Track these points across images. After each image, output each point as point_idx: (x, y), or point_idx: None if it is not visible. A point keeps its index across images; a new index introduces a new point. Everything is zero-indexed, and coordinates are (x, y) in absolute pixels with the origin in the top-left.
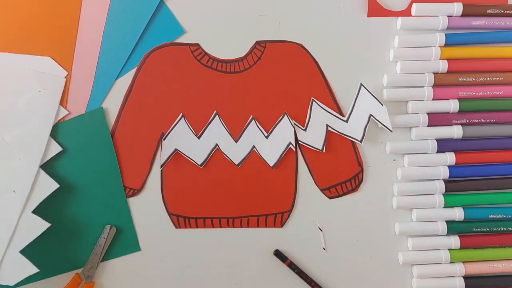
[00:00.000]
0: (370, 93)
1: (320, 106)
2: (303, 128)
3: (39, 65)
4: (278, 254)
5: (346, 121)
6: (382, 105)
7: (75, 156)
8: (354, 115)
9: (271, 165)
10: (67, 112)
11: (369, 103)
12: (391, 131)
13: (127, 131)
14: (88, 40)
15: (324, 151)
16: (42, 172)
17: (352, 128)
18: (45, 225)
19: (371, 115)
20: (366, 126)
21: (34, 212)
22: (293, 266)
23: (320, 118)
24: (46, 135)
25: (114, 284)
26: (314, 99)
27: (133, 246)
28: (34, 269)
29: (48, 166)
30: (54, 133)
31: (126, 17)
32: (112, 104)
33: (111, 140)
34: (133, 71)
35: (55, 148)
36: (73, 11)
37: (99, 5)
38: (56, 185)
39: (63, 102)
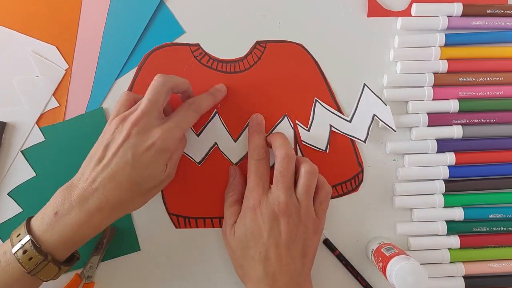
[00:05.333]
0: (374, 93)
1: (323, 106)
2: (306, 129)
3: (43, 51)
4: (328, 243)
5: (350, 121)
6: (386, 105)
7: (75, 156)
8: (357, 115)
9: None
10: (58, 105)
11: (373, 103)
12: (395, 131)
13: None
14: (88, 40)
15: (328, 151)
16: (21, 156)
17: (356, 128)
18: (18, 209)
19: (374, 115)
20: (370, 126)
21: (9, 195)
22: (341, 258)
23: (323, 118)
24: (32, 120)
25: (114, 284)
26: (318, 99)
27: (133, 246)
28: None
29: (45, 164)
30: (54, 133)
31: (126, 17)
32: (112, 104)
33: None
34: (133, 71)
35: (39, 136)
36: (73, 11)
37: (99, 5)
38: (33, 173)
39: (63, 101)
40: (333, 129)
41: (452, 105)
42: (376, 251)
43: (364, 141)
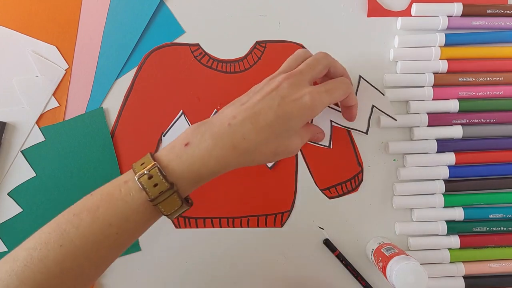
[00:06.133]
0: (370, 84)
1: None
2: None
3: (43, 51)
4: (328, 243)
5: None
6: (383, 94)
7: (75, 156)
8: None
9: (269, 166)
10: (58, 105)
11: (371, 94)
12: (395, 120)
13: (127, 131)
14: (88, 40)
15: (331, 147)
16: (21, 156)
17: (356, 121)
18: (18, 209)
19: (373, 105)
20: (370, 117)
21: (9, 195)
22: (341, 258)
23: (323, 114)
24: (32, 120)
25: (114, 284)
26: None
27: (133, 246)
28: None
29: (45, 164)
30: (54, 133)
31: (126, 17)
32: (112, 104)
33: (111, 140)
34: (133, 71)
35: (39, 136)
36: (73, 11)
37: (99, 5)
38: (33, 173)
39: (63, 101)
40: (334, 124)
41: (452, 105)
42: (376, 251)
43: (366, 132)
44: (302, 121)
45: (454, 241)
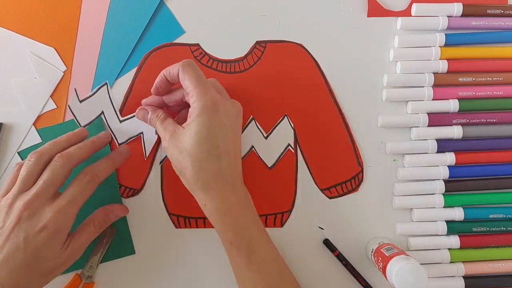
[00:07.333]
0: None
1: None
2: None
3: (41, 53)
4: (328, 243)
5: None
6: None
7: None
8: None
9: (269, 166)
10: (55, 107)
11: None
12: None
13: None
14: (88, 40)
15: (271, 168)
16: (18, 157)
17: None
18: None
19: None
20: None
21: None
22: (341, 258)
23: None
24: (29, 122)
25: (114, 284)
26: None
27: (127, 249)
28: None
29: None
30: (51, 134)
31: (126, 17)
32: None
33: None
34: (133, 71)
35: (35, 138)
36: (73, 11)
37: (99, 5)
38: None
39: (62, 103)
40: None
41: (452, 105)
42: (376, 251)
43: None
44: (57, 245)
45: (454, 241)
